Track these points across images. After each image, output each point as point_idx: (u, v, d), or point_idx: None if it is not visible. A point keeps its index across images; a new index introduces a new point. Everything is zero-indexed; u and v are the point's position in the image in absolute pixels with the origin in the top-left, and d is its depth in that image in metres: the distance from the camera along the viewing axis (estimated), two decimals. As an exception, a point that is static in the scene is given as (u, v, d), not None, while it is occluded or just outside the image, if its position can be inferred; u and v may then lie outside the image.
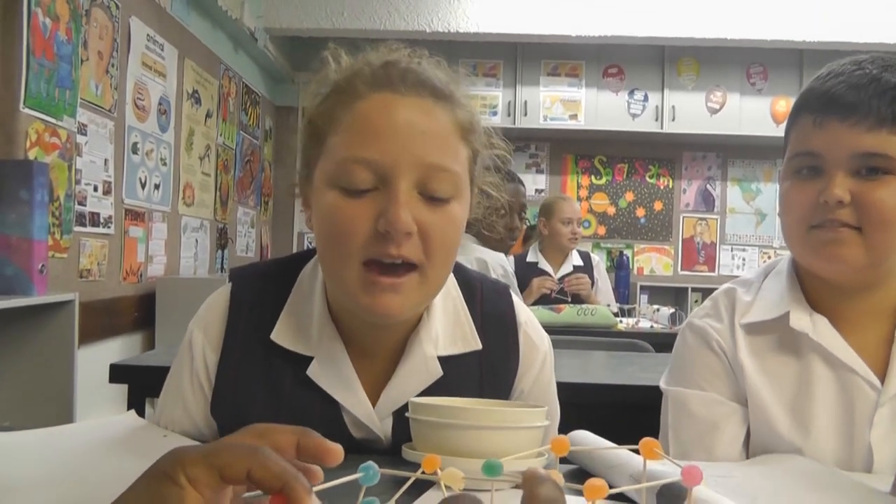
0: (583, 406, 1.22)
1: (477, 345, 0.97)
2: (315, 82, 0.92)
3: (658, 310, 3.23)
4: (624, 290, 4.66)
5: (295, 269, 1.01)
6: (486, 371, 0.98)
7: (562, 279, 3.32)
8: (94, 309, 2.85)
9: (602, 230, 5.74)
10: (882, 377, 0.98)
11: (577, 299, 3.22)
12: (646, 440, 0.66)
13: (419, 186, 0.83)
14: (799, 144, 1.00)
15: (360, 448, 0.95)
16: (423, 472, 0.64)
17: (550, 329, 1.11)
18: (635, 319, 3.15)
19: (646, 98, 5.33)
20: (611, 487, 0.57)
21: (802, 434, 0.98)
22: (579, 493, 0.50)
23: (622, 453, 0.80)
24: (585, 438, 0.88)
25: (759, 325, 1.05)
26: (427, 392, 0.93)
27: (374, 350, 0.95)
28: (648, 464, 0.73)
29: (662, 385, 1.12)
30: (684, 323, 1.16)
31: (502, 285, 1.07)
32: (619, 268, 5.03)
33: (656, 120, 5.32)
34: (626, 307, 3.29)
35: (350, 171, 0.82)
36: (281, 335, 0.95)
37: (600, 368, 1.96)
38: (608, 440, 0.86)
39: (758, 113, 5.29)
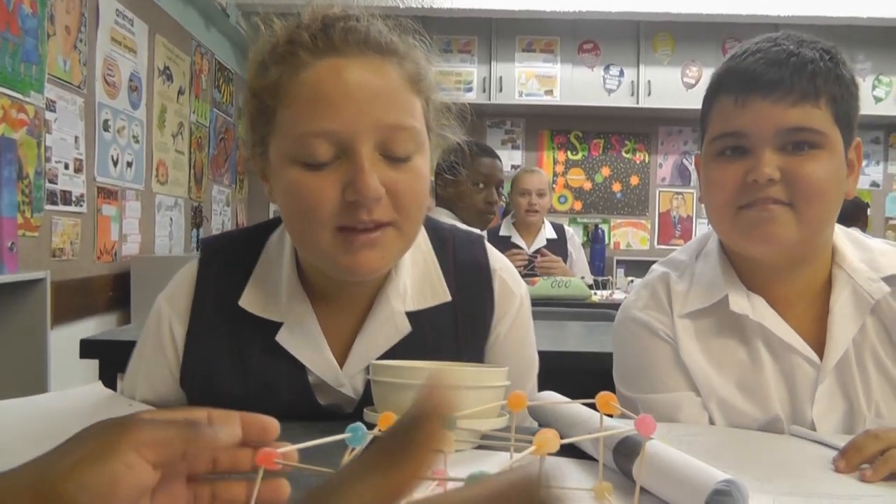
0: (556, 373, 1.23)
1: (446, 296, 0.97)
2: (252, 52, 0.89)
3: (632, 281, 3.25)
4: (599, 264, 4.68)
5: (263, 236, 1.00)
6: (462, 321, 0.98)
7: (535, 253, 3.33)
8: (68, 288, 2.82)
9: (578, 205, 5.76)
10: (820, 354, 0.97)
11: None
12: (602, 394, 0.67)
13: (381, 148, 0.82)
14: (721, 125, 0.98)
15: (327, 416, 0.96)
16: (379, 431, 0.65)
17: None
18: (610, 291, 3.17)
19: (621, 73, 5.33)
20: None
21: (763, 412, 0.98)
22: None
23: (584, 412, 0.81)
24: (549, 398, 0.89)
25: (697, 312, 1.03)
26: (400, 348, 0.94)
27: (344, 310, 0.95)
28: (610, 422, 0.75)
29: (624, 391, 1.08)
30: (621, 315, 1.12)
31: (475, 234, 1.06)
32: (595, 241, 5.06)
33: (632, 95, 5.32)
34: (600, 279, 3.30)
35: (309, 146, 0.80)
36: (249, 301, 0.95)
37: (574, 337, 1.99)
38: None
39: (732, 87, 5.30)
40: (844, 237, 1.05)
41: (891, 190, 5.74)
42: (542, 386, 1.07)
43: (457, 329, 0.97)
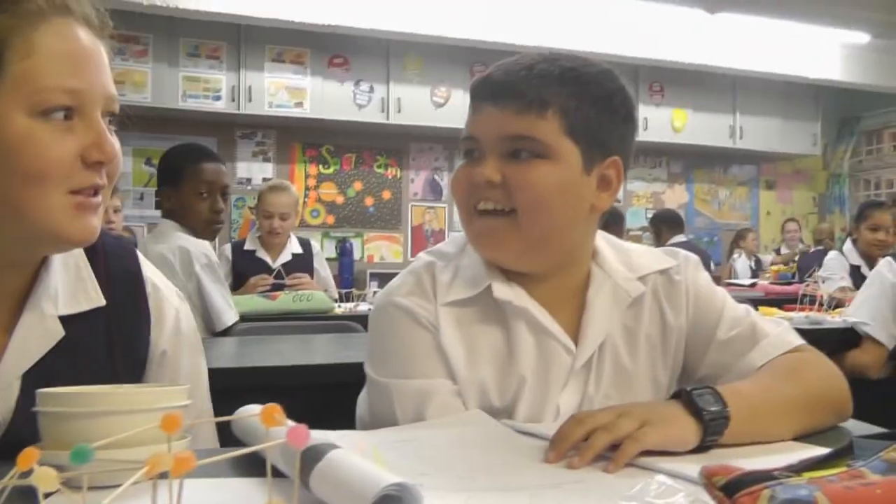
0: (306, 388, 1.18)
1: (100, 301, 0.93)
2: None
3: (376, 292, 3.31)
4: (348, 276, 4.74)
5: None
6: (116, 330, 0.94)
7: (280, 269, 3.27)
8: None
9: (331, 219, 5.77)
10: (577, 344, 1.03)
11: None
12: (267, 406, 0.64)
13: (102, 115, 0.84)
14: (464, 129, 1.04)
15: None
16: (18, 475, 0.57)
17: (266, 316, 1.05)
18: (355, 304, 3.20)
19: (371, 89, 5.43)
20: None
21: (511, 398, 1.01)
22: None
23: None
24: (245, 411, 0.85)
25: (461, 301, 1.05)
26: (52, 356, 0.87)
27: None
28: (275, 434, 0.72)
29: (376, 375, 1.06)
30: (382, 299, 1.10)
31: (126, 240, 1.06)
32: (343, 254, 5.12)
33: (382, 111, 5.44)
34: (345, 292, 3.33)
35: (55, 101, 0.80)
36: None
37: (321, 351, 2.00)
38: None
39: (481, 107, 5.61)
40: (604, 241, 1.12)
41: (630, 205, 6.68)
42: (291, 402, 1.02)
43: (111, 338, 0.94)
